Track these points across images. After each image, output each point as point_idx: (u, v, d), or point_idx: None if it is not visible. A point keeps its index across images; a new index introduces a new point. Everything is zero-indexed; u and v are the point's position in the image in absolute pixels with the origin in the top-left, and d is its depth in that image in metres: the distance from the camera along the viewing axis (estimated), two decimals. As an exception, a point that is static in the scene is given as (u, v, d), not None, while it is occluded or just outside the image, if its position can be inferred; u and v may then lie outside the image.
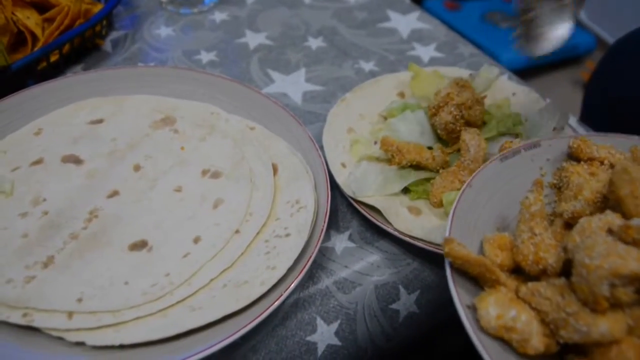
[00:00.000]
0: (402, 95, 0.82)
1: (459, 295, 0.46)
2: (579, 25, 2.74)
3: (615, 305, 0.42)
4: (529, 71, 2.41)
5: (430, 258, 0.64)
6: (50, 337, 0.51)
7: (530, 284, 0.46)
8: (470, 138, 0.67)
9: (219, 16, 0.98)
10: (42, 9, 0.89)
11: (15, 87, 0.76)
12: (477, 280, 0.48)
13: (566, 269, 0.46)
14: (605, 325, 0.41)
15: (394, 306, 0.61)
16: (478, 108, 0.71)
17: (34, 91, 0.75)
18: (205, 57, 0.94)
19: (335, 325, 0.58)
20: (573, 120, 0.83)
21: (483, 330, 0.45)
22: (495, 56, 1.01)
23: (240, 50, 0.95)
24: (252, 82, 0.88)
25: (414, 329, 0.62)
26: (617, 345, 0.42)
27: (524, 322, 0.44)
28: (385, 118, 0.73)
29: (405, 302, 0.62)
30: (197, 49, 0.95)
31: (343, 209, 0.69)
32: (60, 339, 0.51)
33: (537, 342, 0.44)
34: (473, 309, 0.46)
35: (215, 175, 0.65)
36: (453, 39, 1.02)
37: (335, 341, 0.58)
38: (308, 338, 0.57)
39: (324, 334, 0.58)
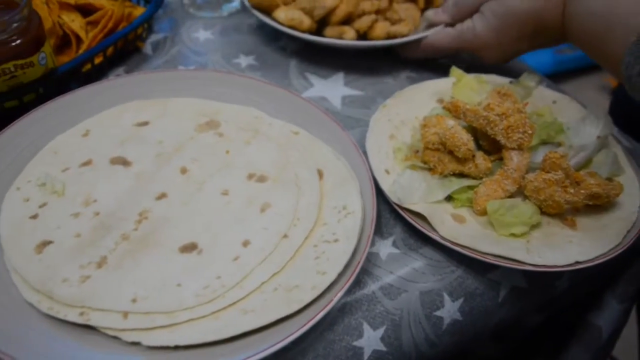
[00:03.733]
0: (441, 101, 0.82)
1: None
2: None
3: None
4: (554, 76, 2.39)
5: (474, 266, 0.65)
6: (106, 337, 0.52)
7: None
8: (513, 147, 0.67)
9: (255, 12, 0.98)
10: (85, 12, 0.90)
11: (60, 89, 0.78)
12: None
13: None
14: None
15: (438, 313, 0.61)
16: (521, 116, 0.71)
17: (80, 93, 0.76)
18: (244, 60, 0.95)
19: (381, 331, 0.59)
20: (615, 130, 0.83)
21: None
22: (522, 61, 1.01)
23: (279, 54, 0.96)
24: (291, 86, 0.89)
25: (457, 336, 0.63)
26: None
27: None
28: (426, 125, 0.73)
29: (449, 310, 0.62)
30: (235, 52, 0.96)
31: (386, 215, 0.69)
32: (116, 338, 0.52)
33: None
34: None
35: (261, 179, 0.66)
36: (490, 46, 1.02)
37: (381, 347, 0.58)
38: (355, 343, 0.58)
39: (370, 339, 0.58)
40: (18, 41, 0.70)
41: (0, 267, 0.57)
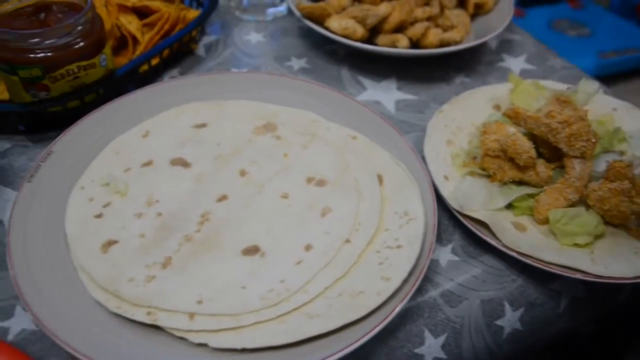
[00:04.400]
0: (497, 107, 0.81)
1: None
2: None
3: None
4: (598, 80, 2.35)
5: (534, 275, 0.64)
6: (172, 337, 0.53)
7: None
8: (576, 155, 0.66)
9: (307, 22, 0.98)
10: (141, 14, 0.91)
11: (119, 90, 0.79)
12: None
13: None
14: None
15: (498, 322, 0.61)
16: (583, 124, 0.69)
17: (139, 94, 0.77)
18: (296, 63, 0.95)
19: (442, 339, 0.59)
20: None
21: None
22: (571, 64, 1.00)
23: (331, 58, 0.96)
24: (344, 90, 0.89)
25: (515, 345, 0.62)
26: None
27: None
28: (485, 132, 0.72)
29: (510, 319, 0.61)
30: (287, 55, 0.97)
31: (444, 222, 0.69)
32: (182, 339, 0.52)
33: None
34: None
35: (321, 183, 0.66)
36: (543, 51, 1.01)
37: (442, 355, 0.58)
38: (416, 350, 0.57)
39: (432, 347, 0.58)
40: (81, 43, 0.71)
41: (67, 265, 0.58)
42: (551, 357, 0.72)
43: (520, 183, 0.69)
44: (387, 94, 0.89)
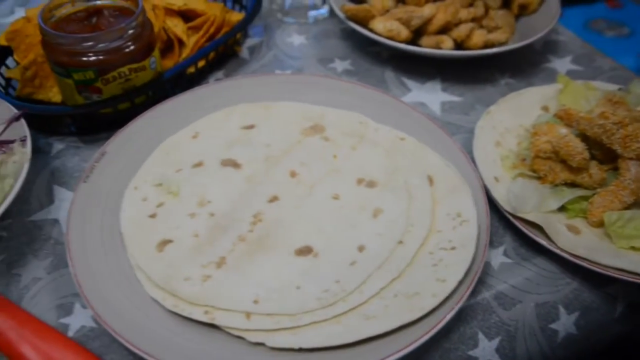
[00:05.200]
0: (546, 109, 0.80)
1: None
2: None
3: None
4: (638, 82, 2.31)
5: (590, 278, 0.63)
6: (229, 336, 0.53)
7: None
8: (631, 157, 0.65)
9: (351, 24, 0.98)
10: (186, 17, 0.92)
11: (166, 92, 0.81)
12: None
13: None
14: None
15: (553, 326, 0.60)
16: (637, 125, 0.68)
17: (187, 96, 0.78)
18: (340, 65, 0.95)
19: (496, 342, 0.58)
20: None
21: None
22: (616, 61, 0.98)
23: (374, 59, 0.96)
24: (389, 91, 0.89)
25: (570, 350, 0.61)
26: None
27: None
28: (536, 133, 0.72)
29: (565, 323, 0.61)
30: (331, 57, 0.97)
31: (495, 224, 0.68)
32: (240, 338, 0.53)
33: None
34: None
35: (371, 184, 0.66)
36: (590, 52, 1.00)
37: (496, 358, 0.57)
38: (470, 352, 0.57)
39: (485, 350, 0.57)
40: (132, 47, 0.73)
41: (124, 264, 0.59)
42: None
43: (572, 185, 0.68)
44: (431, 95, 0.89)
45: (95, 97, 0.74)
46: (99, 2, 0.77)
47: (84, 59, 0.70)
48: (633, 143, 0.65)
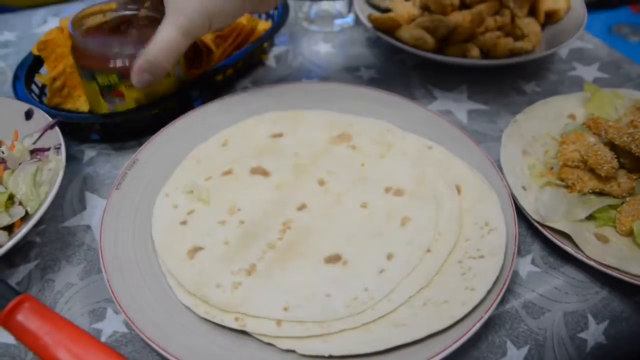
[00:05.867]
0: (573, 117, 0.80)
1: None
2: None
3: None
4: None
5: (619, 287, 0.63)
6: (260, 343, 0.54)
7: None
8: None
9: (378, 33, 0.99)
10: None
11: (191, 100, 0.83)
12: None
13: None
14: None
15: (582, 335, 0.60)
16: (666, 134, 0.68)
17: (216, 104, 0.79)
18: (366, 73, 0.96)
19: (524, 350, 0.58)
20: None
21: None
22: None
23: (400, 67, 0.97)
24: (415, 99, 0.90)
25: None
26: None
27: None
28: (564, 142, 0.72)
29: (594, 332, 0.60)
30: (357, 65, 0.98)
31: (522, 232, 0.68)
32: (270, 345, 0.53)
33: None
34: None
35: (399, 193, 0.67)
36: (617, 59, 0.99)
37: (525, 366, 0.57)
38: (498, 361, 0.57)
39: (514, 359, 0.57)
40: None
41: (156, 270, 0.60)
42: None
43: (600, 194, 0.68)
44: (458, 104, 0.89)
45: (118, 102, 0.75)
46: (128, 13, 0.78)
47: (110, 64, 0.72)
48: None
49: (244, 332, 0.55)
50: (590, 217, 0.66)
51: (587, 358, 0.60)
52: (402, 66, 0.97)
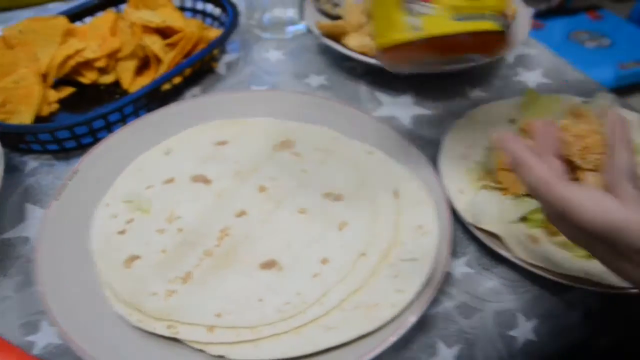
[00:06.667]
0: (513, 121, 0.82)
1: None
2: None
3: None
4: (618, 91, 2.34)
5: (548, 286, 0.64)
6: (192, 350, 0.54)
7: None
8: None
9: (326, 40, 1.00)
10: (163, 34, 0.94)
11: (138, 109, 0.83)
12: None
13: None
14: None
15: (512, 333, 0.61)
16: (597, 137, 0.70)
17: (161, 113, 0.80)
18: (315, 80, 0.97)
19: (455, 350, 0.59)
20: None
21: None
22: (586, 75, 1.00)
23: (349, 74, 0.98)
24: (361, 105, 0.91)
25: (531, 356, 0.62)
26: None
27: None
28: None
29: (524, 330, 0.62)
30: (306, 72, 0.99)
31: (459, 235, 0.70)
32: (201, 351, 0.54)
33: None
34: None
35: (338, 198, 0.68)
36: (561, 65, 1.02)
37: (456, 365, 0.59)
38: (430, 361, 0.58)
39: (445, 358, 0.59)
40: None
41: (92, 281, 0.60)
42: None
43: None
44: (403, 110, 0.90)
45: (424, 10, 0.48)
46: None
47: None
48: (590, 155, 0.66)
49: (177, 340, 0.55)
50: (523, 219, 0.68)
51: (517, 355, 0.61)
52: (351, 73, 0.98)
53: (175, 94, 0.92)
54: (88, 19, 0.98)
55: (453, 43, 0.49)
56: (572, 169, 0.67)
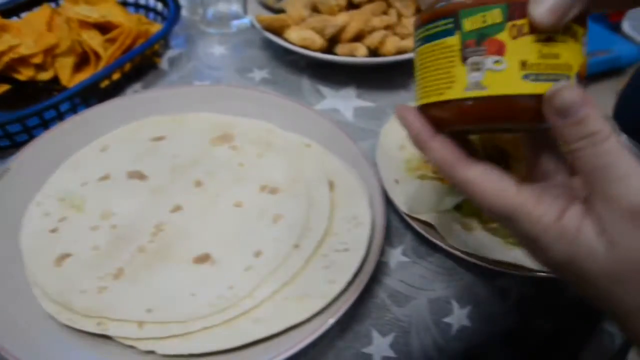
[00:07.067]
0: (452, 111, 0.83)
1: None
2: (621, 35, 2.71)
3: None
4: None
5: (481, 273, 0.65)
6: (123, 346, 0.54)
7: None
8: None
9: (267, 34, 1.00)
10: (104, 29, 0.93)
11: (76, 105, 0.81)
12: None
13: None
14: None
15: (446, 319, 0.62)
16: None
17: (99, 109, 0.79)
18: (258, 75, 0.97)
19: (390, 338, 0.60)
20: (623, 137, 0.83)
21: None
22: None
23: (292, 68, 0.98)
24: (304, 98, 0.91)
25: (465, 342, 0.63)
26: None
27: None
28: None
29: (458, 316, 0.63)
30: (249, 67, 0.98)
31: (396, 225, 0.70)
32: (132, 347, 0.53)
33: None
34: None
35: (273, 191, 0.68)
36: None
37: (391, 353, 0.59)
38: (364, 350, 0.59)
39: (380, 346, 0.59)
40: None
41: (21, 281, 0.59)
42: (507, 355, 0.74)
43: (469, 184, 0.70)
44: (345, 102, 0.91)
45: (490, 66, 0.39)
46: None
47: None
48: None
49: (108, 337, 0.54)
50: (458, 208, 0.69)
51: (451, 341, 0.62)
52: (294, 67, 0.98)
53: (116, 90, 0.91)
54: (24, 14, 0.96)
55: (516, 108, 0.39)
56: (505, 157, 0.68)
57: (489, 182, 0.42)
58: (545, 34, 0.38)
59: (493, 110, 0.40)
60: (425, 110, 0.45)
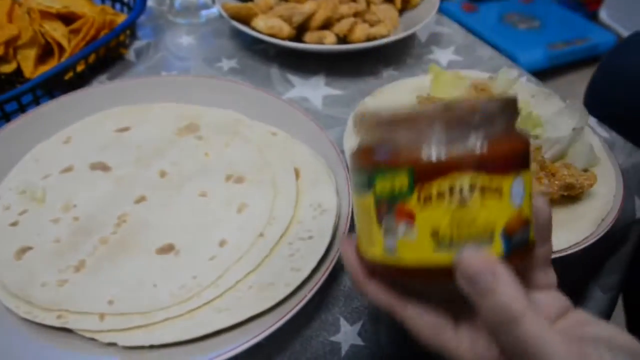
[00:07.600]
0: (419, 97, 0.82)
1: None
2: (598, 23, 2.74)
3: None
4: (547, 72, 2.40)
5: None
6: (83, 338, 0.53)
7: None
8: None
9: (234, 23, 0.99)
10: (67, 20, 0.91)
11: (39, 97, 0.80)
12: None
13: None
14: None
15: (415, 306, 0.62)
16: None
17: (62, 101, 0.77)
18: (226, 64, 0.96)
19: (358, 326, 0.59)
20: (593, 120, 0.84)
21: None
22: (514, 57, 1.02)
23: (260, 57, 0.97)
24: (273, 88, 0.90)
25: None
26: None
27: None
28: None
29: (427, 303, 0.62)
30: (218, 56, 0.97)
31: (364, 212, 0.70)
32: (93, 339, 0.52)
33: None
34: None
35: (239, 180, 0.67)
36: (472, 42, 1.03)
37: (359, 341, 0.59)
38: (332, 338, 0.58)
39: (348, 334, 0.59)
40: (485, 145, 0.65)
41: (-20, 275, 0.58)
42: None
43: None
44: (314, 91, 0.90)
45: (402, 231, 0.36)
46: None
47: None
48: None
49: (69, 330, 0.53)
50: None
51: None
52: (263, 56, 0.97)
53: (81, 82, 0.89)
54: (-16, 6, 0.93)
55: (432, 275, 0.37)
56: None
57: (424, 322, 0.41)
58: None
59: (411, 276, 0.38)
60: (360, 253, 0.43)
